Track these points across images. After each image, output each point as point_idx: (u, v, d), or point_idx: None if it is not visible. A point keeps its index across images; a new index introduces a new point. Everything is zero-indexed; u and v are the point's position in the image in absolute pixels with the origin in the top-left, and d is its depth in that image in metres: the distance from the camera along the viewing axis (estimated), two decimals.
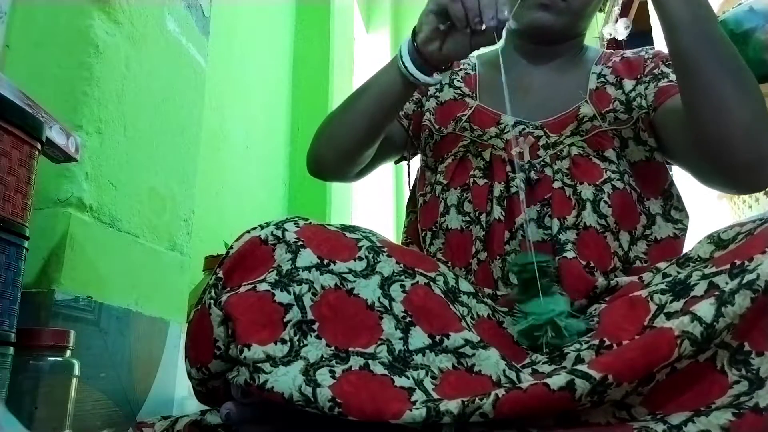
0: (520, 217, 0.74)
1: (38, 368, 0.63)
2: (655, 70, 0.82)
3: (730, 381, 0.47)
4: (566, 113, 0.81)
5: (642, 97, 0.80)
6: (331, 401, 0.48)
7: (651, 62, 0.84)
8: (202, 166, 1.18)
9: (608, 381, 0.45)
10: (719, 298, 0.47)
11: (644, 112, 0.79)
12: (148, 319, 0.93)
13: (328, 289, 0.55)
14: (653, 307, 0.55)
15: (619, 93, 0.82)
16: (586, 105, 0.81)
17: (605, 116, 0.80)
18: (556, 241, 0.73)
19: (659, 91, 0.79)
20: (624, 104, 0.80)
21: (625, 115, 0.80)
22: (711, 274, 0.52)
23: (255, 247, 0.58)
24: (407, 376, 0.51)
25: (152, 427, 0.67)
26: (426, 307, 0.57)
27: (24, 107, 0.64)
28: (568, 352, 0.57)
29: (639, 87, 0.81)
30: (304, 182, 2.26)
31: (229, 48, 1.80)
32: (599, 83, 0.84)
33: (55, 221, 0.78)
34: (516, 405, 0.45)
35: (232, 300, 0.54)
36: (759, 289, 0.47)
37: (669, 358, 0.46)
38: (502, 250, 0.75)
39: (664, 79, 0.80)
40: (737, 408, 0.44)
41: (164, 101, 1.03)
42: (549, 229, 0.74)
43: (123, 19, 0.92)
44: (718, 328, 0.46)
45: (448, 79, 0.91)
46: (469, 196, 0.79)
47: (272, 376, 0.50)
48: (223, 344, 0.55)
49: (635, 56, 0.86)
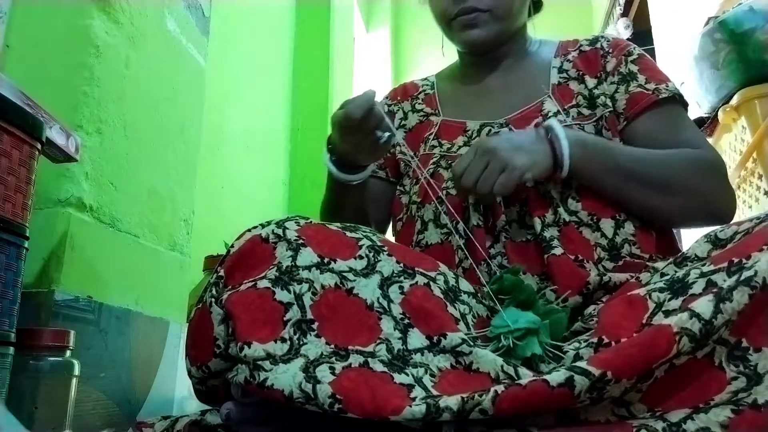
0: (501, 219, 0.75)
1: (38, 368, 0.63)
2: (621, 68, 0.82)
3: (728, 377, 0.47)
4: (530, 108, 0.82)
5: (608, 97, 0.81)
6: (331, 397, 0.48)
7: (612, 57, 0.83)
8: (202, 166, 1.18)
9: (607, 377, 0.45)
10: (717, 295, 0.47)
11: (609, 111, 0.80)
12: (148, 319, 0.93)
13: (328, 289, 0.55)
14: (651, 306, 0.55)
15: (582, 88, 0.82)
16: (549, 100, 0.82)
17: (569, 111, 0.80)
18: (542, 239, 0.72)
19: (630, 100, 0.79)
20: (587, 99, 0.81)
21: (588, 110, 0.80)
22: (709, 272, 0.53)
23: (256, 246, 0.58)
24: (407, 374, 0.52)
25: (152, 427, 0.67)
26: (424, 308, 0.57)
27: (24, 107, 0.64)
28: (567, 350, 0.57)
29: (604, 86, 0.82)
30: (304, 182, 2.26)
31: (229, 48, 1.80)
32: (561, 78, 0.84)
33: (55, 221, 0.78)
34: (515, 401, 0.45)
35: (232, 298, 0.54)
36: (757, 285, 0.47)
37: (668, 354, 0.46)
38: (487, 254, 0.75)
39: (634, 81, 0.80)
40: (736, 405, 0.44)
41: (164, 101, 1.03)
42: (532, 228, 0.74)
43: (123, 19, 0.92)
44: (716, 324, 0.46)
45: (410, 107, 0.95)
46: (444, 209, 0.79)
47: (272, 374, 0.50)
48: (223, 342, 0.55)
49: (592, 49, 0.86)
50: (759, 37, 1.37)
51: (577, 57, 0.86)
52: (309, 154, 2.30)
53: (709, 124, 1.62)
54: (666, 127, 0.78)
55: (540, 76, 0.85)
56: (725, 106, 1.47)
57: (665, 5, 2.51)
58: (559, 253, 0.71)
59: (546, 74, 0.85)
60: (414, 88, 0.99)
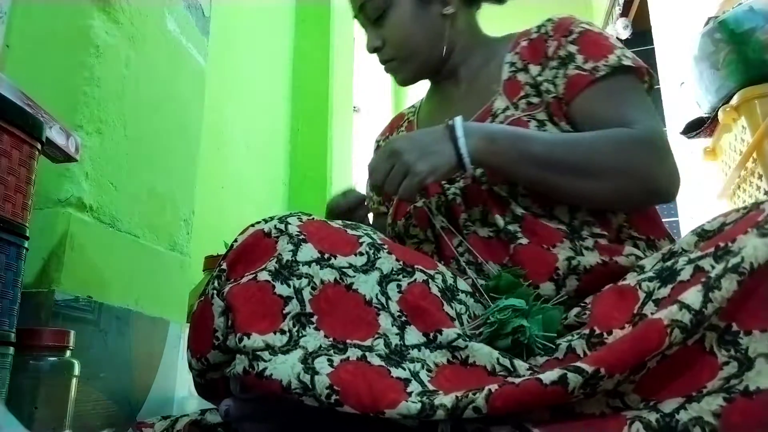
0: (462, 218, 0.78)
1: (38, 368, 0.63)
2: (560, 51, 0.80)
3: (719, 362, 0.47)
4: (482, 110, 0.83)
5: (550, 83, 0.79)
6: (328, 389, 0.49)
7: (553, 41, 0.81)
8: (202, 166, 1.18)
9: (600, 374, 0.45)
10: (706, 285, 0.48)
11: (553, 97, 0.78)
12: (148, 319, 0.93)
13: (327, 284, 0.56)
14: (642, 295, 0.56)
15: (528, 78, 0.81)
16: (500, 98, 0.82)
17: (517, 104, 0.80)
18: (506, 233, 0.73)
19: (569, 83, 0.77)
20: (534, 88, 0.80)
21: (537, 98, 0.80)
22: (696, 258, 0.53)
23: (258, 240, 0.59)
24: (403, 368, 0.52)
25: (152, 427, 0.67)
26: (420, 307, 0.58)
27: (24, 107, 0.64)
28: (560, 343, 0.58)
29: (546, 72, 0.80)
30: (304, 182, 2.26)
31: (229, 48, 1.80)
32: (510, 72, 0.84)
33: (55, 221, 0.78)
34: (509, 400, 0.46)
35: (233, 290, 0.55)
36: (745, 271, 0.47)
37: (660, 348, 0.46)
38: (454, 253, 0.76)
39: (571, 64, 0.78)
40: (728, 392, 0.45)
41: (164, 101, 1.03)
42: (495, 225, 0.75)
43: (123, 19, 0.92)
44: (706, 314, 0.47)
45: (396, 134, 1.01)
46: (412, 221, 0.83)
47: (271, 364, 0.50)
48: (222, 334, 0.56)
49: (537, 35, 0.84)
50: (759, 37, 1.37)
51: (525, 46, 0.85)
52: (309, 154, 2.30)
53: (709, 124, 1.62)
54: (603, 106, 0.76)
55: (494, 76, 0.85)
56: (725, 106, 1.47)
57: (665, 5, 2.51)
58: (525, 243, 0.72)
59: (499, 72, 0.85)
60: (400, 118, 1.04)
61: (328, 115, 2.33)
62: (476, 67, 0.88)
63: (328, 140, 2.31)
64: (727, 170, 1.58)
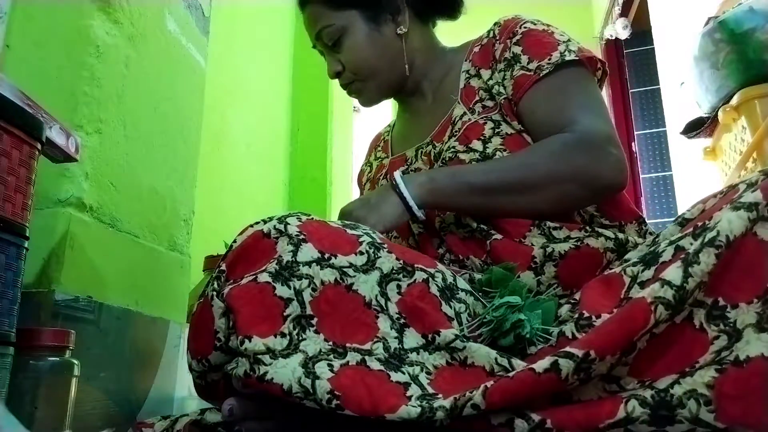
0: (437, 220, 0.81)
1: (38, 368, 0.63)
2: (506, 54, 0.82)
3: (710, 337, 0.48)
4: (444, 120, 0.86)
5: (500, 85, 0.82)
6: (329, 393, 0.49)
7: (499, 44, 0.84)
8: (202, 166, 1.18)
9: (591, 357, 0.46)
10: (685, 260, 0.48)
11: (504, 98, 0.81)
12: (148, 319, 0.93)
13: (327, 285, 0.56)
14: (627, 280, 0.57)
15: (480, 83, 0.84)
16: (458, 106, 0.85)
17: (474, 109, 0.83)
18: (480, 231, 0.76)
19: (515, 84, 0.80)
20: (486, 92, 0.83)
21: (491, 101, 0.82)
22: (677, 240, 0.54)
23: (257, 241, 0.59)
24: (403, 372, 0.53)
25: (152, 427, 0.67)
26: (418, 307, 0.58)
27: (24, 107, 0.64)
28: (552, 331, 0.59)
29: (495, 75, 0.83)
30: (304, 182, 2.26)
31: (229, 48, 1.80)
32: (465, 80, 0.87)
33: (55, 221, 0.78)
34: (505, 393, 0.46)
35: (233, 292, 0.55)
36: (721, 244, 0.48)
37: (646, 326, 0.47)
38: (436, 254, 0.79)
39: (517, 65, 0.80)
40: (719, 364, 0.45)
41: (164, 101, 1.03)
42: (468, 226, 0.78)
43: (123, 19, 0.92)
44: (688, 288, 0.47)
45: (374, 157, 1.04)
46: (393, 233, 0.87)
47: (272, 368, 0.50)
48: (224, 336, 0.56)
49: (487, 39, 0.88)
50: (759, 37, 1.37)
51: (477, 52, 0.88)
52: (309, 154, 2.30)
53: (709, 124, 1.62)
54: (542, 108, 0.78)
55: (453, 85, 0.88)
56: (725, 106, 1.47)
57: (665, 5, 2.51)
58: (499, 238, 0.75)
59: (458, 81, 0.87)
60: (377, 139, 1.08)
61: (328, 116, 2.33)
62: (437, 80, 0.91)
63: (328, 140, 2.31)
64: (727, 170, 1.58)
